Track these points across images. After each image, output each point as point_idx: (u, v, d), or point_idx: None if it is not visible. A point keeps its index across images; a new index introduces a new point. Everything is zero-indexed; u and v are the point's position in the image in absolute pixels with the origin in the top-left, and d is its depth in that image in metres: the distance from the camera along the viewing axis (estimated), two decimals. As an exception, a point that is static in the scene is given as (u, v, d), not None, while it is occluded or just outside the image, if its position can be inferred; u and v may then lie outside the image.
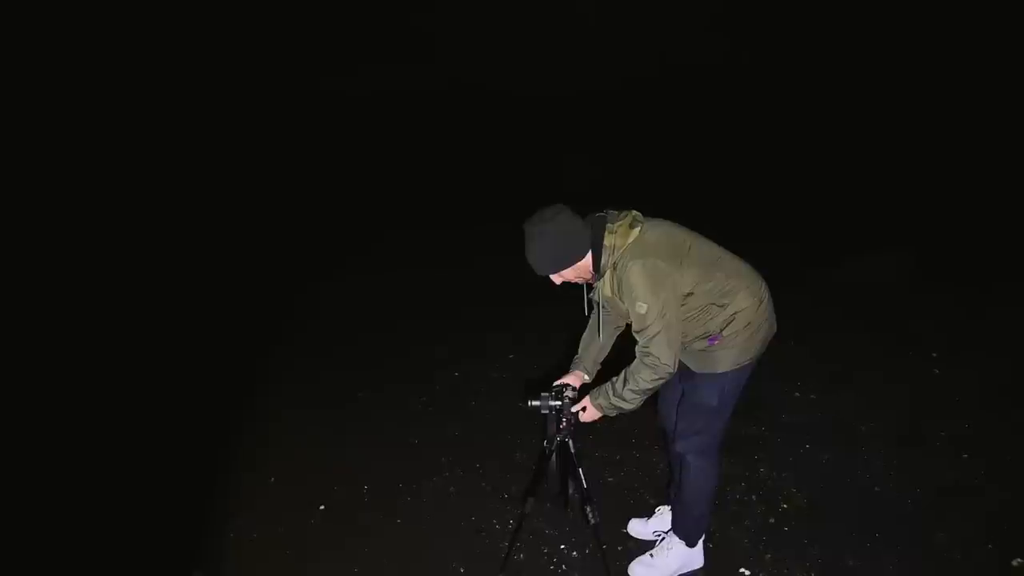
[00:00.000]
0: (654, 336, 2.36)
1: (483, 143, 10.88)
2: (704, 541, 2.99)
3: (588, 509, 2.82)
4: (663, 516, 3.15)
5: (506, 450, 3.84)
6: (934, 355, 4.57)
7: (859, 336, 4.85)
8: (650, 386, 2.46)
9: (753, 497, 3.40)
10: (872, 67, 12.27)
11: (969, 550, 3.01)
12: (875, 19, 12.94)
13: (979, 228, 6.62)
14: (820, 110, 11.11)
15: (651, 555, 2.98)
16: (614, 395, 2.53)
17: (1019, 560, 2.94)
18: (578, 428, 2.76)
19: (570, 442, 2.81)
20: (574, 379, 2.81)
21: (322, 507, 3.45)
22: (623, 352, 2.70)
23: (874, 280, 5.65)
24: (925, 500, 3.32)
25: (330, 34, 14.27)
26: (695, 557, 2.98)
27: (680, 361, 2.63)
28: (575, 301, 2.72)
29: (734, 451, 3.55)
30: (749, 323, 2.49)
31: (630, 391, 2.48)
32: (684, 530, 2.91)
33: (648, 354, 2.40)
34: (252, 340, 5.25)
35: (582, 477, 2.84)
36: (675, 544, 2.93)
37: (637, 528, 3.20)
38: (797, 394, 4.20)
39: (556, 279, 2.52)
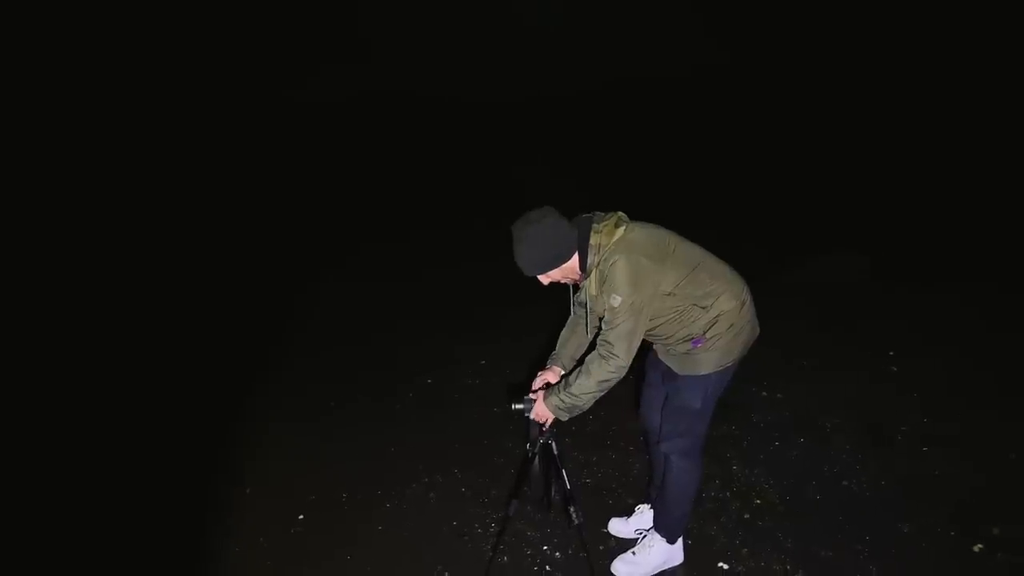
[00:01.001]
0: (617, 327, 2.41)
1: (446, 151, 10.89)
2: (683, 538, 3.07)
3: (572, 510, 2.86)
4: (643, 515, 3.21)
5: (483, 455, 3.87)
6: (891, 353, 4.74)
7: (822, 335, 5.01)
8: (604, 378, 2.47)
9: (728, 494, 3.49)
10: (836, 75, 12.68)
11: (934, 538, 3.15)
12: (843, 28, 13.38)
13: (933, 228, 6.88)
14: (787, 114, 11.43)
15: (633, 552, 3.04)
16: (565, 390, 2.55)
17: (980, 546, 3.08)
18: (559, 430, 2.81)
19: (553, 444, 2.86)
20: (552, 375, 2.84)
21: (301, 516, 3.43)
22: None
23: (835, 280, 5.83)
24: (890, 492, 3.46)
25: (282, 41, 14.19)
26: (676, 554, 3.05)
27: (664, 363, 2.71)
28: (544, 304, 2.77)
29: (708, 451, 3.59)
30: (731, 325, 2.55)
31: (581, 385, 2.50)
32: (666, 528, 2.98)
33: (606, 343, 2.45)
34: (221, 353, 5.17)
35: (566, 478, 2.88)
36: (656, 541, 3.00)
37: (618, 527, 3.26)
38: (765, 393, 4.32)
39: (544, 279, 2.56)
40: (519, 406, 2.78)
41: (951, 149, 9.15)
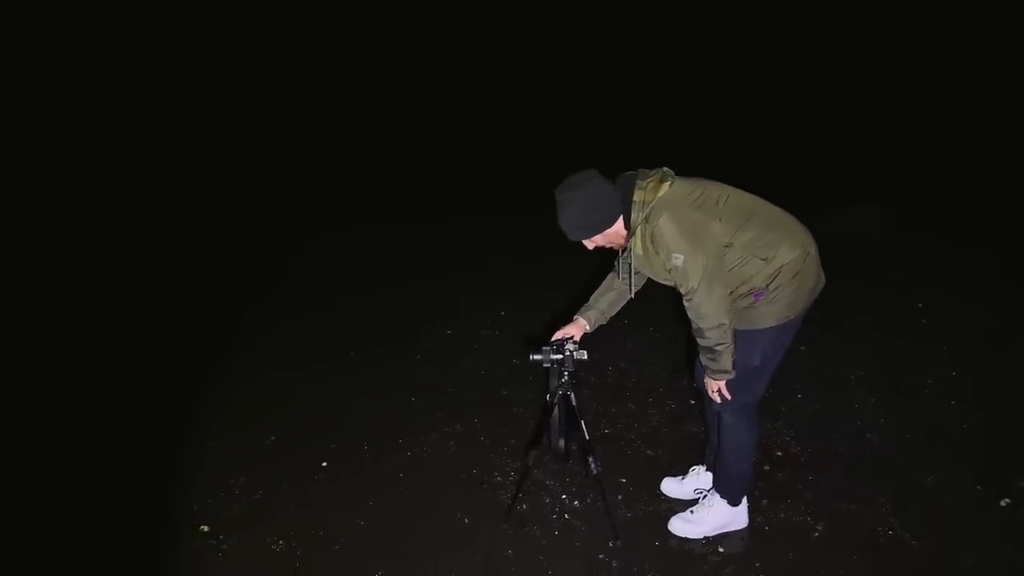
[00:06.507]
0: (690, 290, 2.34)
1: (457, 104, 10.69)
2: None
3: (590, 460, 2.86)
4: (699, 476, 3.14)
5: (502, 404, 3.87)
6: (920, 305, 4.64)
7: (847, 287, 4.85)
8: (716, 341, 2.40)
9: (748, 445, 3.47)
10: (857, 27, 12.23)
11: (959, 491, 3.11)
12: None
13: (963, 178, 6.68)
14: (806, 64, 11.08)
15: (691, 511, 2.97)
16: (704, 357, 2.50)
17: (1007, 500, 3.04)
18: (578, 381, 2.76)
19: (572, 395, 2.84)
20: (576, 328, 2.79)
21: (324, 464, 3.47)
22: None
23: (858, 231, 5.67)
24: (915, 445, 3.42)
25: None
26: (739, 516, 2.94)
27: None
28: (565, 257, 2.70)
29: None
30: (796, 274, 2.44)
31: (704, 339, 2.43)
32: (726, 488, 2.89)
33: (691, 312, 2.39)
34: (237, 301, 5.16)
35: (584, 429, 2.87)
36: (716, 502, 2.91)
37: (671, 487, 3.18)
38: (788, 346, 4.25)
39: (588, 244, 2.50)
40: (537, 356, 2.76)
41: (977, 95, 8.83)
